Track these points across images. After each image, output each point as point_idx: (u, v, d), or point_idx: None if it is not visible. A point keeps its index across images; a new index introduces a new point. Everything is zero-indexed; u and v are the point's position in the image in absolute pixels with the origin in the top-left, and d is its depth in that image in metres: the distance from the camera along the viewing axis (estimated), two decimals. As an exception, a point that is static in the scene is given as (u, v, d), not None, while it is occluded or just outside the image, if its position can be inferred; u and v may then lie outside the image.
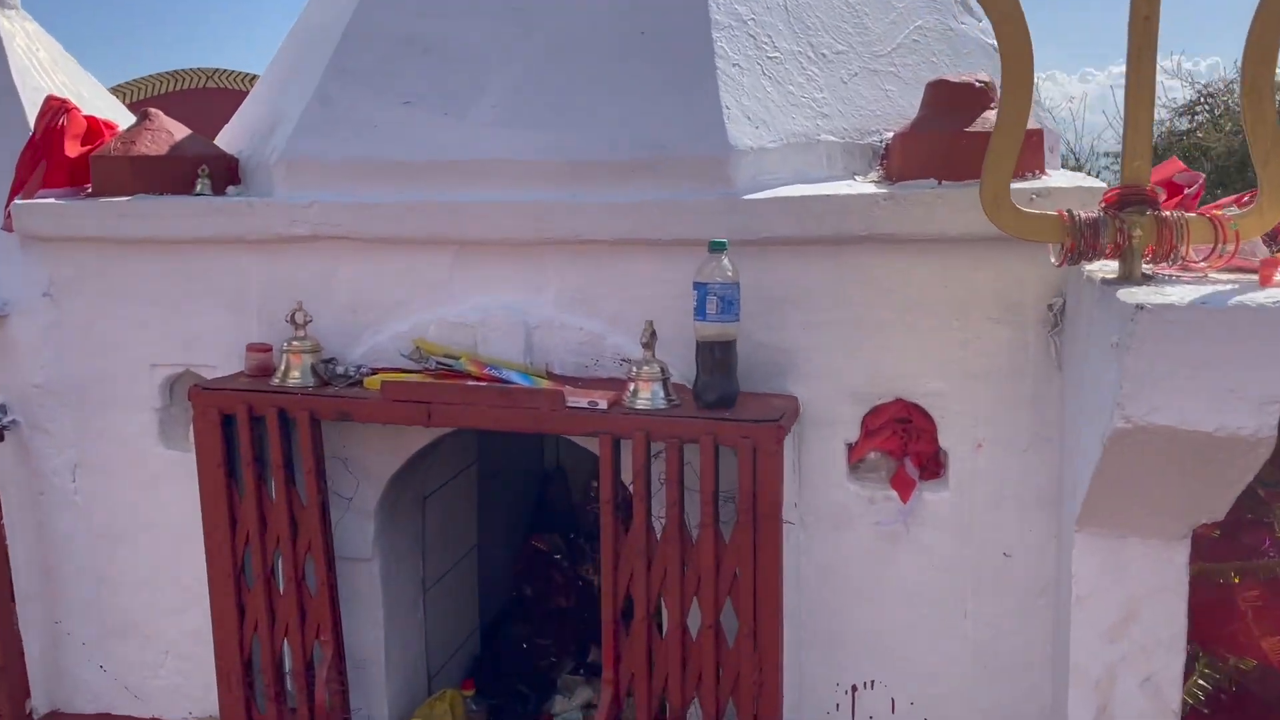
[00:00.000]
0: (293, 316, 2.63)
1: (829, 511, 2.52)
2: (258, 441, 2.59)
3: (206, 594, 2.84)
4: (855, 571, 2.53)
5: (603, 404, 2.36)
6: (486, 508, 3.60)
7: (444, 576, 3.28)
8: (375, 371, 2.66)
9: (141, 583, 3.10)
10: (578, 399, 2.38)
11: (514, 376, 2.52)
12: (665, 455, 2.31)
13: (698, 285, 2.33)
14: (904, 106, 2.70)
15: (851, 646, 2.57)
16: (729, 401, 2.35)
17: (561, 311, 2.63)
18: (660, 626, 2.42)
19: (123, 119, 3.47)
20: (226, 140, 3.24)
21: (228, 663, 2.71)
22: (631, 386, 2.40)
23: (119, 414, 3.00)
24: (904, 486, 2.50)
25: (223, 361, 2.88)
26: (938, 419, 2.44)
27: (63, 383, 3.03)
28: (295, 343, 2.63)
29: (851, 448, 2.52)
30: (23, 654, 3.14)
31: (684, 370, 2.45)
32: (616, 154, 2.55)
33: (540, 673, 3.58)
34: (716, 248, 2.32)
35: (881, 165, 2.61)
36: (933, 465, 2.53)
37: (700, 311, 2.33)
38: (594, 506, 4.30)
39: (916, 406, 2.48)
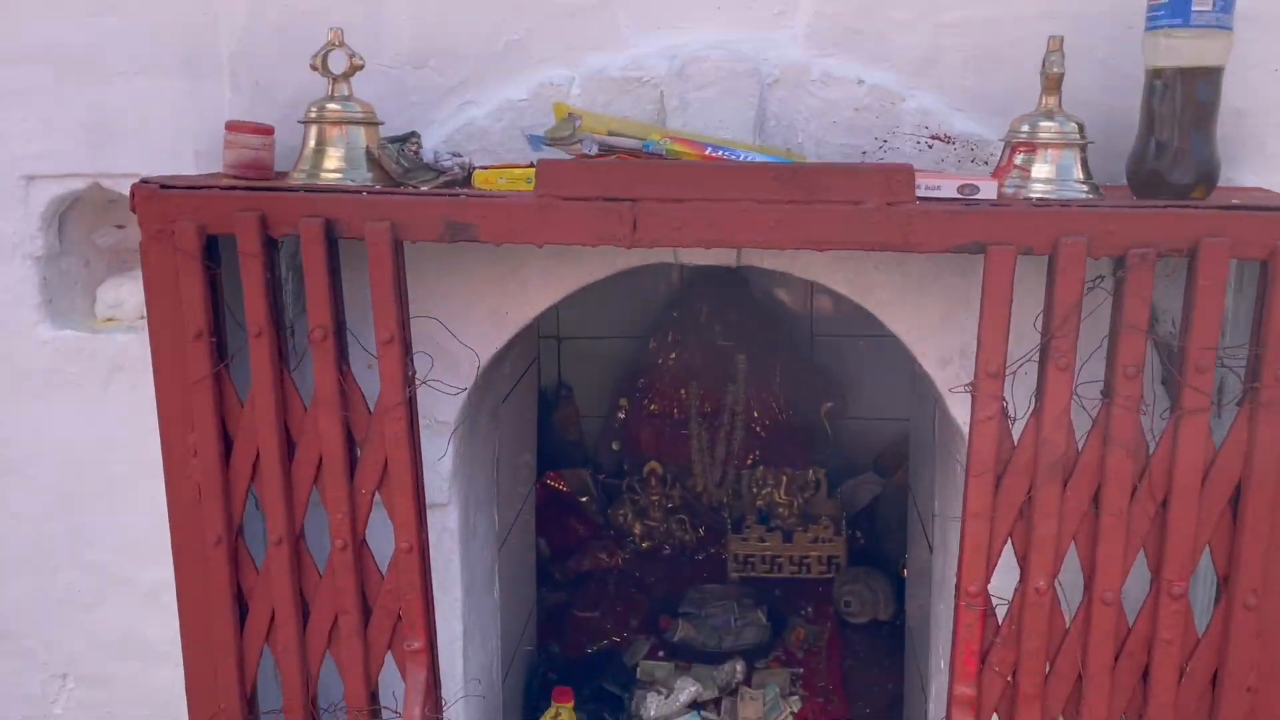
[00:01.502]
0: (324, 59, 1.40)
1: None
2: (272, 290, 1.36)
3: (138, 574, 1.74)
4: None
5: (988, 189, 1.25)
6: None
7: (512, 528, 2.12)
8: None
9: (16, 561, 1.82)
10: (934, 182, 1.26)
11: (759, 160, 1.37)
12: (1125, 280, 1.22)
13: (1169, -39, 1.24)
14: None
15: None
16: (1210, 183, 1.29)
17: (821, 54, 1.49)
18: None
19: None
20: None
21: (210, 699, 1.48)
22: (1018, 159, 1.30)
23: (-36, 269, 1.70)
24: None
25: (164, 164, 1.62)
26: None
27: None
28: (334, 107, 1.39)
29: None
30: None
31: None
32: None
33: (604, 658, 2.55)
34: (1201, -110, 1.23)
35: None
36: None
37: (1177, 10, 1.24)
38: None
39: None
